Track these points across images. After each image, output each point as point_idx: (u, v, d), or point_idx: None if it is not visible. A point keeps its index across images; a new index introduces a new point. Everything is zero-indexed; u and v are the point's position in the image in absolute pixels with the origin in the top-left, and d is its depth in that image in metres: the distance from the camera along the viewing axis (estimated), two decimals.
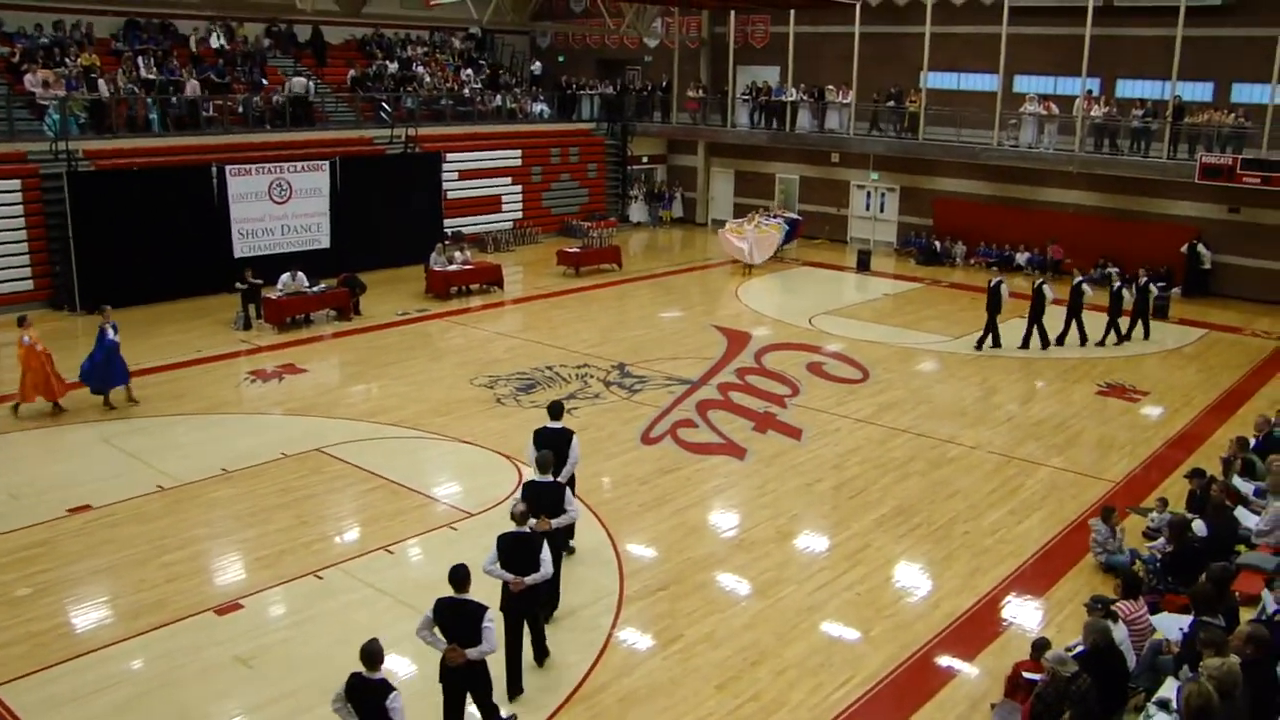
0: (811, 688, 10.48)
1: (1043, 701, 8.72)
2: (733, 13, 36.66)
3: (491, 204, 34.95)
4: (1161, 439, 17.85)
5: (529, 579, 10.08)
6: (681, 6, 36.70)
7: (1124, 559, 12.70)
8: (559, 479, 11.70)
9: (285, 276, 23.86)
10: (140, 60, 29.35)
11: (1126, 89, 30.34)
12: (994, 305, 22.64)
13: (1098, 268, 30.04)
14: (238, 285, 23.58)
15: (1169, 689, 8.95)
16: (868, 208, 35.84)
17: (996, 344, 22.88)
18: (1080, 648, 9.36)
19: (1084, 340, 23.16)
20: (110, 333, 18.25)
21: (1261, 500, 13.35)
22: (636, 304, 27.27)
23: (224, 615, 11.64)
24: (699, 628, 11.57)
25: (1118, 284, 23.60)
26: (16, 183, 24.78)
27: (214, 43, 31.42)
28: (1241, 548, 12.46)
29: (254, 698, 10.15)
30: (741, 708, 10.15)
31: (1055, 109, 30.34)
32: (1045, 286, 22.88)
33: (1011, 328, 22.97)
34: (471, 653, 8.93)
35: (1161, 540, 13.05)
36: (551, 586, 11.16)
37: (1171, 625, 10.16)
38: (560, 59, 42.80)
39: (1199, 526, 12.34)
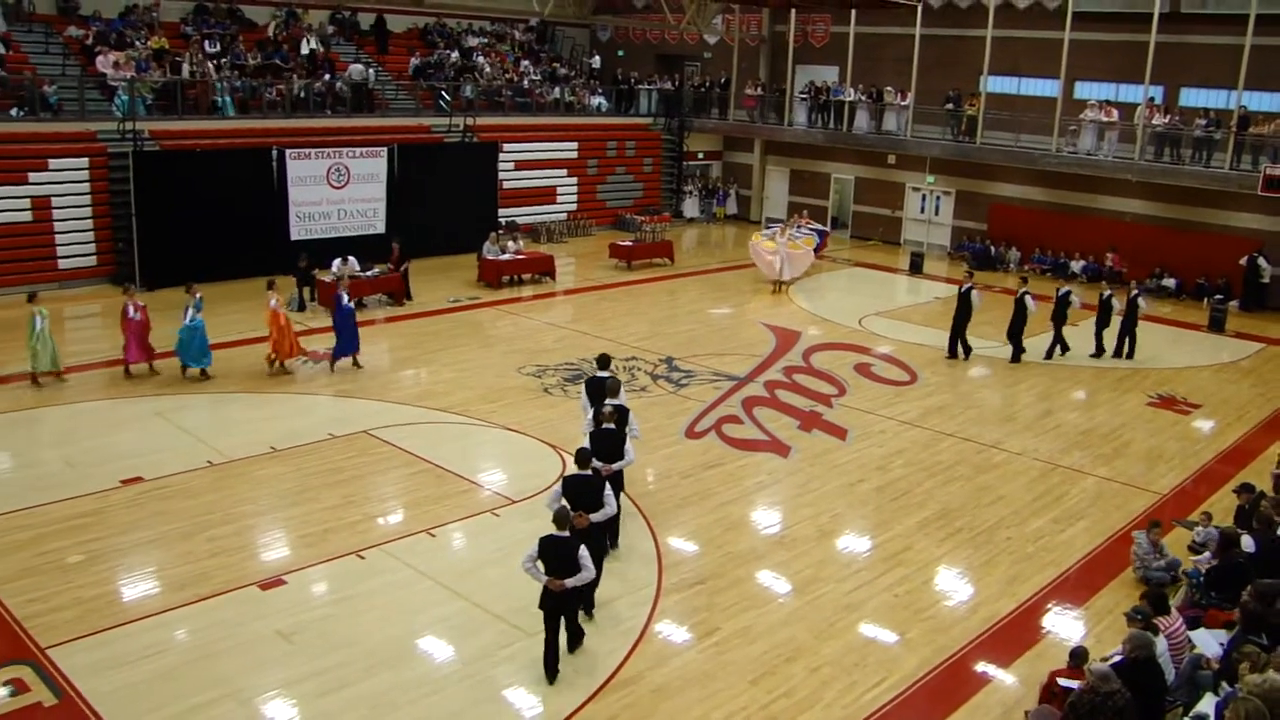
0: (845, 686, 10.49)
1: (1076, 711, 8.66)
2: (793, 11, 36.56)
3: (546, 195, 35.15)
4: (1212, 452, 17.63)
5: (615, 466, 12.54)
6: (742, 4, 36.68)
7: (1160, 574, 12.59)
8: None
9: (336, 262, 24.10)
10: (206, 44, 29.80)
11: (1190, 97, 29.93)
12: (962, 313, 21.96)
13: (1154, 278, 29.76)
14: (302, 267, 24.07)
15: (1207, 704, 8.88)
16: (922, 210, 35.65)
17: (967, 352, 22.25)
18: (1118, 657, 9.29)
19: (1064, 350, 22.55)
20: (344, 298, 19.35)
21: None
22: (687, 299, 27.30)
23: (267, 590, 11.85)
24: (735, 622, 11.61)
25: (1107, 293, 22.75)
26: (84, 161, 25.36)
27: (306, 49, 31.79)
28: None
29: (293, 671, 10.32)
30: (774, 703, 10.18)
31: (1116, 116, 29.99)
32: (1028, 297, 21.82)
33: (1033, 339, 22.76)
34: (595, 516, 11.13)
35: (1207, 554, 12.93)
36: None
37: (1210, 641, 10.06)
38: (620, 53, 42.91)
39: (1247, 542, 12.19)
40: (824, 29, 37.58)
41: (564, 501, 10.91)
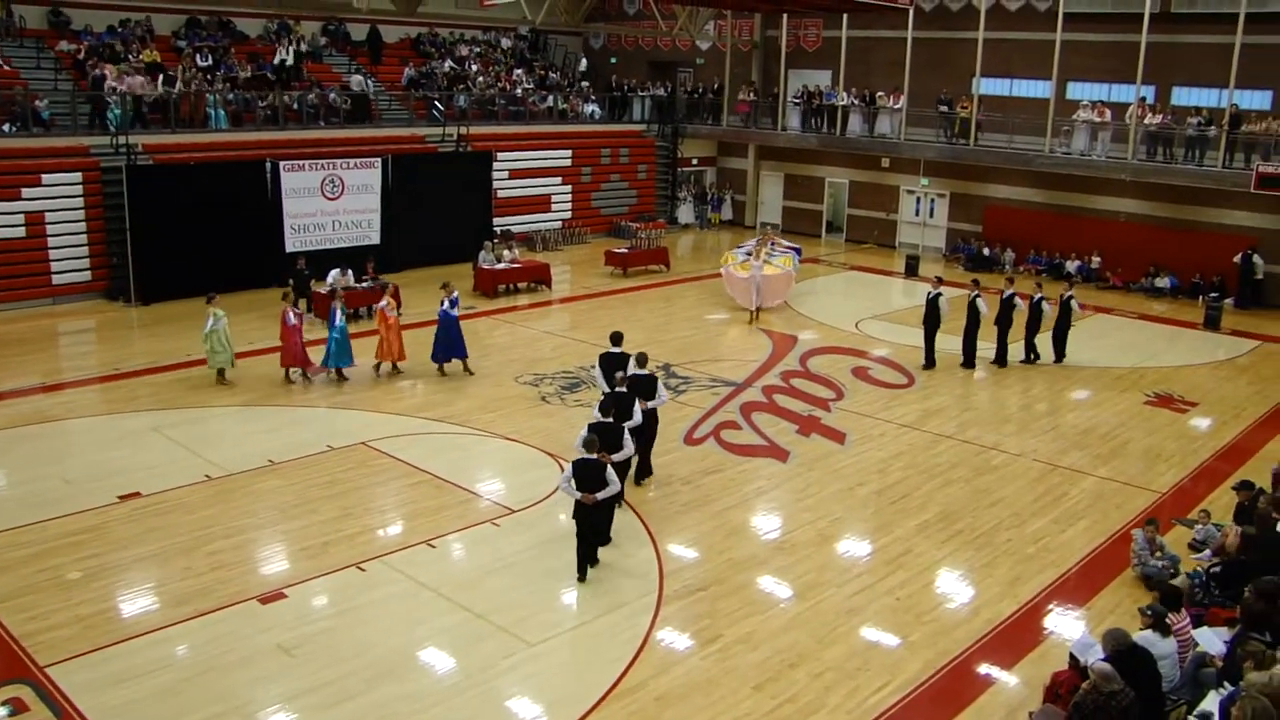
0: (849, 691, 10.47)
1: (1080, 712, 8.65)
2: (785, 16, 36.61)
3: (541, 203, 35.14)
4: (1210, 450, 17.63)
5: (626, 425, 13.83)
6: (734, 9, 36.72)
7: (1158, 571, 12.58)
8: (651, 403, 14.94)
9: (334, 272, 24.05)
10: (198, 57, 29.80)
11: (1182, 96, 29.98)
12: (932, 320, 21.48)
13: (1149, 276, 29.81)
14: (300, 268, 24.17)
15: (1211, 702, 8.87)
16: (917, 213, 35.67)
17: (930, 364, 21.72)
18: (1101, 656, 9.28)
19: (1001, 360, 21.92)
20: (445, 304, 19.93)
21: None
22: (683, 305, 27.28)
23: (267, 604, 11.80)
24: (738, 628, 11.59)
25: (1037, 296, 21.78)
26: (78, 175, 25.30)
27: (279, 56, 31.55)
28: None
29: (295, 685, 10.27)
30: (779, 709, 10.15)
31: (1109, 116, 30.03)
32: (980, 300, 21.30)
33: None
34: (616, 456, 13.09)
35: (1207, 552, 12.94)
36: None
37: (1214, 639, 10.06)
38: (612, 60, 42.94)
39: None
40: (816, 33, 37.63)
41: (592, 435, 12.73)
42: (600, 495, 12.28)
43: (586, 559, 12.55)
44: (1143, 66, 28.30)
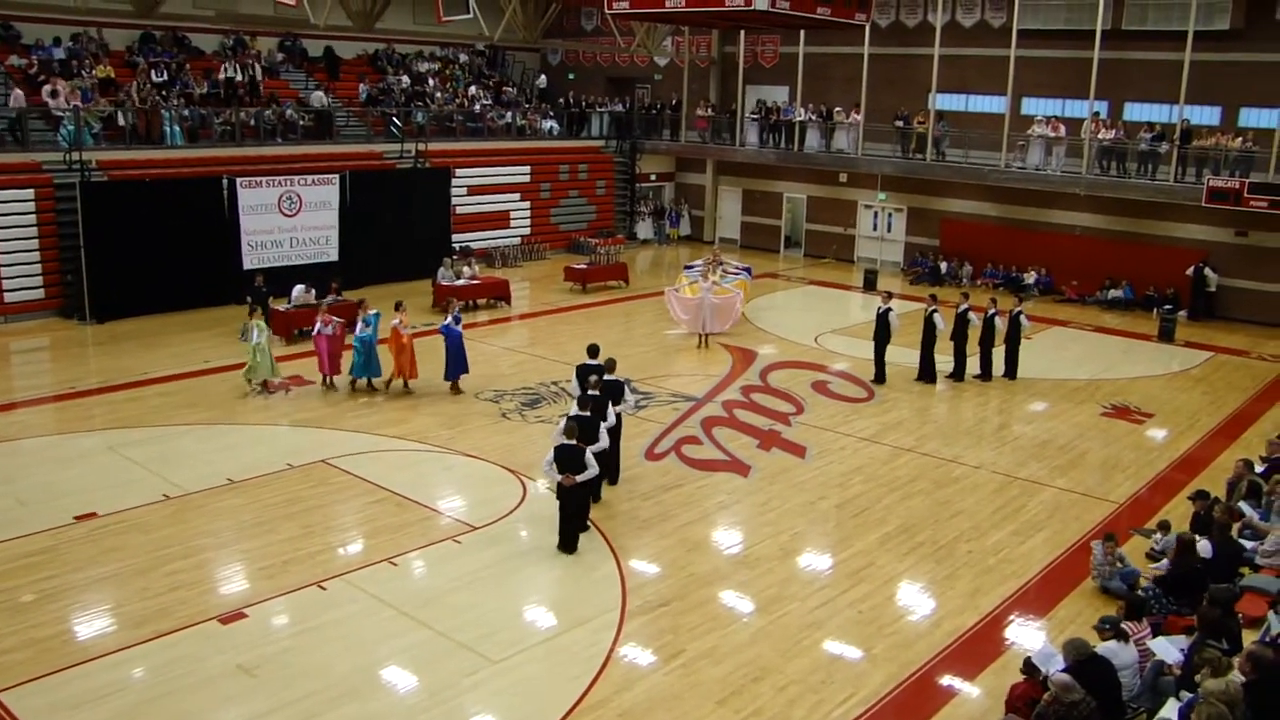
0: (812, 704, 10.49)
1: None
2: (742, 33, 36.80)
3: (500, 220, 35.08)
4: (1166, 461, 17.85)
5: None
6: (692, 26, 36.87)
7: (1116, 584, 12.70)
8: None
9: (299, 288, 23.88)
10: (153, 73, 29.54)
11: (1134, 112, 30.41)
12: (882, 335, 21.54)
13: (1103, 289, 30.18)
14: (258, 285, 23.74)
15: (1170, 710, 8.97)
16: (875, 228, 35.93)
17: (880, 379, 21.76)
18: (1062, 666, 9.36)
19: (959, 374, 22.05)
20: (450, 320, 20.15)
21: (1267, 523, 13.35)
22: (642, 321, 27.30)
23: (228, 624, 11.68)
24: (701, 643, 11.58)
25: (991, 311, 21.80)
26: (30, 192, 24.99)
27: (224, 73, 31.16)
28: (1245, 570, 12.46)
29: (256, 706, 10.16)
30: None
31: (1063, 131, 30.42)
32: (936, 315, 21.33)
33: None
34: (593, 447, 13.66)
35: (1165, 561, 13.06)
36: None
37: (1170, 649, 10.16)
38: (570, 76, 42.97)
39: (1204, 548, 12.33)
40: (773, 49, 37.87)
41: (571, 423, 13.65)
42: (580, 477, 13.26)
43: (573, 534, 13.61)
44: (1095, 82, 28.68)
